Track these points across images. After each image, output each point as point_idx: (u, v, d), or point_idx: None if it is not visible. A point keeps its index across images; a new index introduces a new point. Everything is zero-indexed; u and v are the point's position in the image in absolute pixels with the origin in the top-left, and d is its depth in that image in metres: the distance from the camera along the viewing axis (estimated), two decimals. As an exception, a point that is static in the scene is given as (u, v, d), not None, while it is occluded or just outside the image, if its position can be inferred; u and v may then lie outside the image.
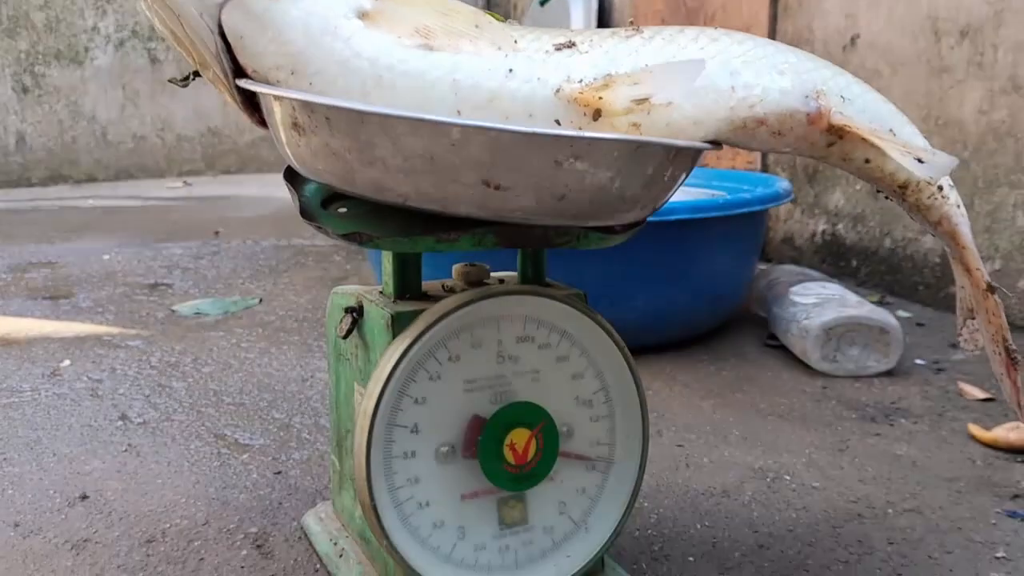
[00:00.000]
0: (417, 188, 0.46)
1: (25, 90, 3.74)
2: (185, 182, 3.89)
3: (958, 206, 0.54)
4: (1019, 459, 0.85)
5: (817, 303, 1.15)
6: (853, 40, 1.56)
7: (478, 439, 0.55)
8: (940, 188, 0.53)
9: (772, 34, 1.76)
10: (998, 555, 0.67)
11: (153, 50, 3.86)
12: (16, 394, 1.05)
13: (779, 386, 1.07)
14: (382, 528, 0.53)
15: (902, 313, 1.40)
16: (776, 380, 1.09)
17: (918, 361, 1.16)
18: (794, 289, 1.23)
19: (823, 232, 1.69)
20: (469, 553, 0.57)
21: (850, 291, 1.23)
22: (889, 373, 1.10)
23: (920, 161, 0.50)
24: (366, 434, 0.52)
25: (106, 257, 1.99)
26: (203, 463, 0.84)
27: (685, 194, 1.36)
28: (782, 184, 1.28)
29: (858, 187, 1.59)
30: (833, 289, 1.21)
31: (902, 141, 0.52)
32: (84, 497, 0.77)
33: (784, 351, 1.19)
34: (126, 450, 0.88)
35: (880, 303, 1.47)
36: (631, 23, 0.59)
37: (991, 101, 1.30)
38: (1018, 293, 1.29)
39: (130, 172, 4.02)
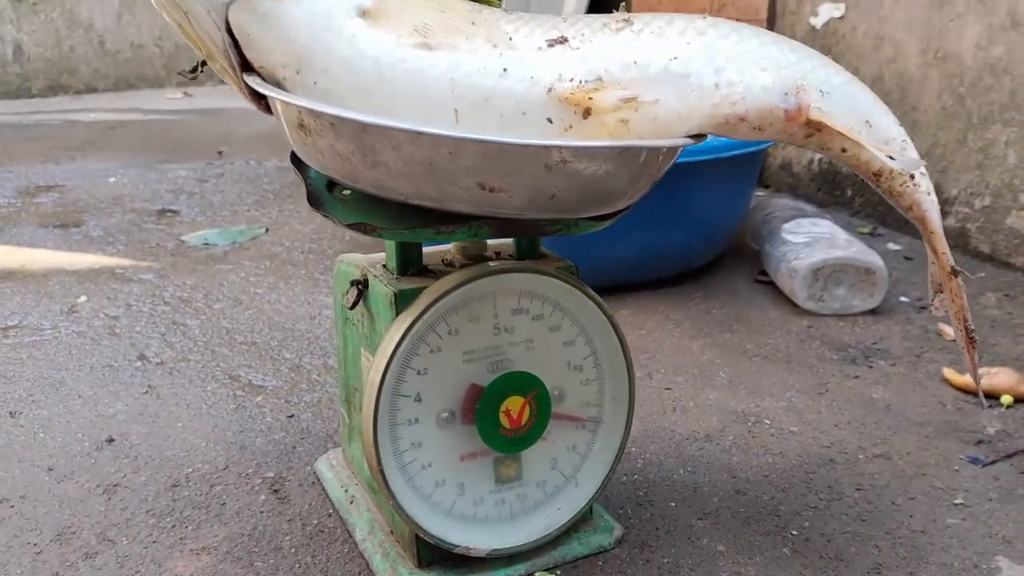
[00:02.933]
0: (417, 189, 0.50)
1: (19, -2, 3.68)
2: (185, 93, 3.86)
3: (928, 193, 0.57)
4: (988, 404, 0.90)
5: (807, 242, 1.19)
6: (857, -33, 1.55)
7: (476, 406, 0.60)
8: (912, 177, 0.56)
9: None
10: (956, 502, 0.73)
11: (147, -44, 3.77)
12: (38, 332, 1.10)
13: (767, 325, 1.12)
14: (389, 489, 0.58)
15: (892, 246, 1.43)
16: (764, 319, 1.14)
17: (902, 299, 1.20)
18: (786, 226, 1.26)
19: (819, 160, 1.71)
20: (468, 507, 0.62)
21: (841, 228, 1.27)
22: (873, 311, 1.14)
23: (891, 158, 0.53)
24: (373, 404, 0.57)
25: (112, 180, 2.02)
26: (220, 405, 0.90)
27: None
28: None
29: (856, 116, 1.59)
30: (824, 227, 1.24)
31: (875, 134, 0.54)
32: (111, 440, 0.83)
33: (774, 287, 1.23)
34: (146, 392, 0.93)
35: (872, 234, 1.51)
36: (622, 5, 0.61)
37: (990, 36, 1.30)
38: (1006, 230, 1.32)
39: (130, 81, 3.98)
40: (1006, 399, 0.89)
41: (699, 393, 0.92)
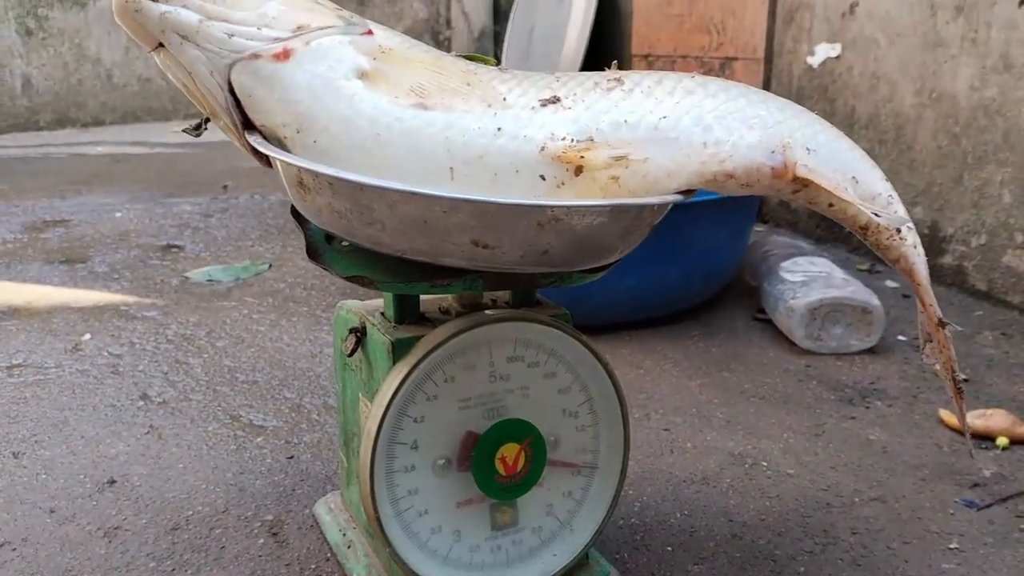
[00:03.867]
0: (412, 245, 0.51)
1: (29, 33, 3.73)
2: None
3: (915, 247, 0.58)
4: (982, 446, 0.90)
5: (804, 281, 1.20)
6: (852, 8, 1.57)
7: (472, 453, 0.61)
8: (899, 231, 0.57)
9: (773, 1, 1.76)
10: (951, 546, 0.73)
11: (156, -9, 3.82)
12: (42, 371, 1.11)
13: (765, 364, 1.12)
14: (385, 536, 0.59)
15: (890, 283, 1.44)
16: (762, 357, 1.15)
17: (900, 337, 1.21)
18: (784, 265, 1.27)
19: (819, 196, 1.72)
20: (464, 554, 0.63)
21: (838, 265, 1.28)
22: (871, 350, 1.15)
23: (877, 216, 0.54)
24: (370, 452, 0.58)
25: (118, 215, 2.04)
26: (220, 446, 0.91)
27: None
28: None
29: (854, 154, 1.61)
30: (821, 265, 1.26)
31: (862, 190, 0.56)
32: (112, 482, 0.84)
33: (772, 326, 1.24)
34: (148, 432, 0.94)
35: (870, 271, 1.52)
36: (613, 64, 0.62)
37: (983, 78, 1.32)
38: (1002, 268, 1.33)
39: (137, 115, 4.03)
40: (1002, 441, 0.90)
41: (697, 434, 0.93)
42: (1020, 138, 1.27)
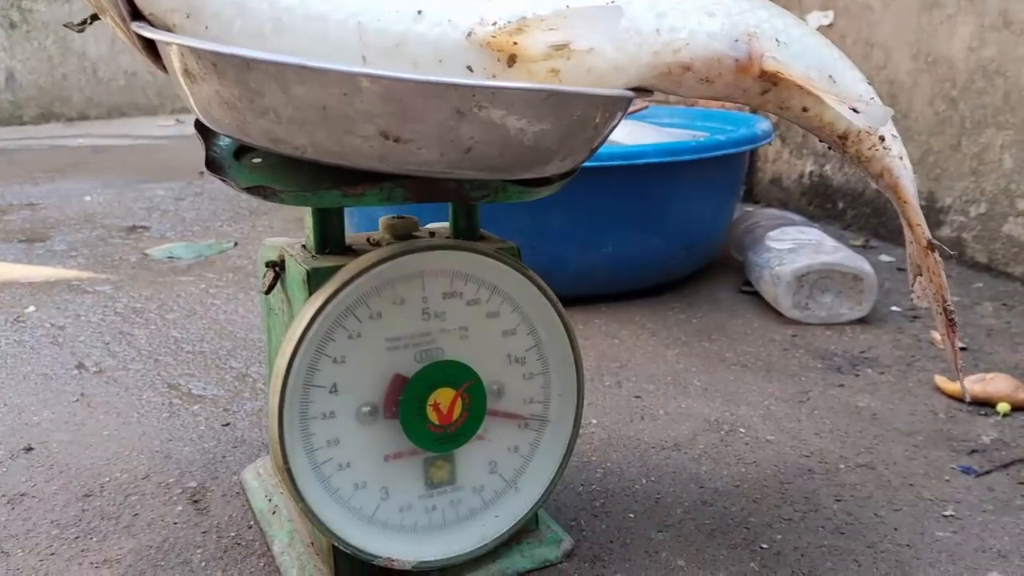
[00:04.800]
0: (312, 140, 0.44)
1: (13, 25, 3.67)
2: (177, 120, 3.84)
3: (901, 158, 0.51)
4: (982, 412, 0.83)
5: (792, 248, 1.12)
6: (845, -27, 1.50)
7: (400, 399, 0.53)
8: (882, 139, 0.50)
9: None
10: (946, 513, 0.66)
11: (142, -16, 3.77)
12: (-24, 341, 1.04)
13: (748, 335, 1.05)
14: (298, 492, 0.51)
15: (885, 257, 1.37)
16: (746, 328, 1.07)
17: (894, 308, 1.13)
18: (771, 234, 1.20)
19: (810, 173, 1.65)
20: (394, 514, 0.55)
21: (829, 236, 1.21)
22: (862, 321, 1.08)
23: (855, 111, 0.47)
24: (279, 395, 0.50)
25: (87, 199, 1.97)
26: (152, 414, 0.83)
27: (663, 135, 1.33)
28: (762, 125, 1.24)
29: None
30: (811, 234, 1.18)
31: (839, 89, 0.49)
32: (29, 449, 0.76)
33: (758, 298, 1.17)
34: (77, 400, 0.87)
35: (864, 246, 1.45)
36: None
37: (981, 37, 1.25)
38: (1002, 238, 1.26)
39: (122, 110, 3.97)
40: (1003, 407, 0.82)
41: (670, 401, 0.86)
42: (1021, 99, 1.20)
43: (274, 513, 0.64)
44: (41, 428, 0.81)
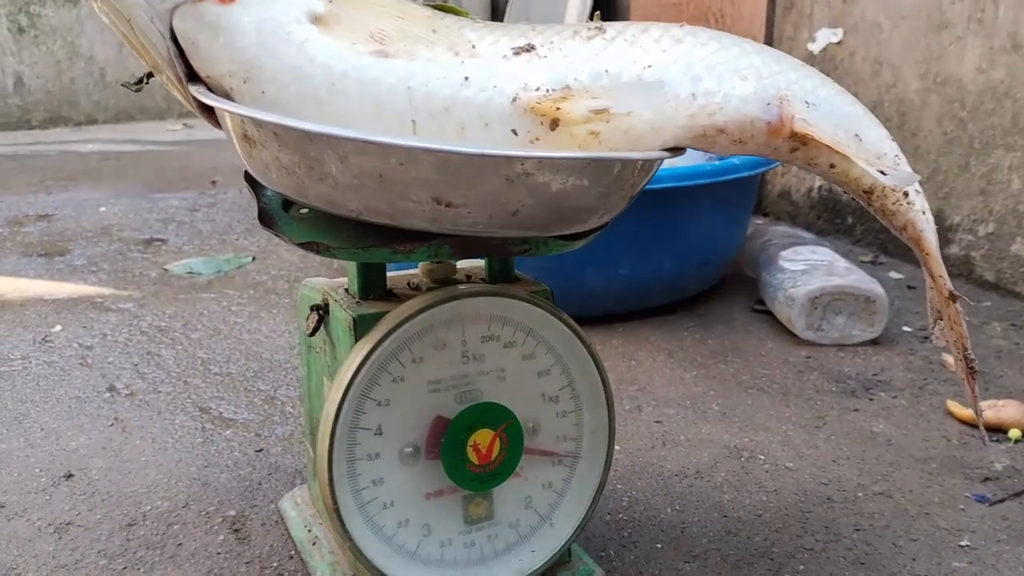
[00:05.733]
0: (368, 204, 0.46)
1: (21, 30, 3.69)
2: (185, 124, 3.86)
3: (923, 212, 0.53)
4: (994, 438, 0.85)
5: (805, 270, 1.15)
6: (854, -9, 1.52)
7: (441, 440, 0.56)
8: (906, 195, 0.52)
9: (772, -16, 1.71)
10: (962, 543, 0.68)
11: (149, -11, 3.78)
12: (7, 362, 1.06)
13: (763, 356, 1.07)
14: (346, 529, 0.54)
15: (894, 275, 1.39)
16: (761, 349, 1.09)
17: (905, 328, 1.16)
18: (784, 254, 1.22)
19: (819, 188, 1.67)
20: (435, 550, 0.58)
21: (840, 256, 1.23)
22: (874, 341, 1.10)
23: (883, 173, 0.49)
24: (328, 439, 0.53)
25: (102, 209, 1.99)
26: (186, 439, 0.86)
27: (678, 158, 1.34)
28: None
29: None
30: (823, 254, 1.21)
31: (867, 151, 0.51)
32: (69, 476, 0.79)
33: (771, 317, 1.19)
34: (112, 424, 0.89)
35: (874, 263, 1.47)
36: (596, 15, 0.58)
37: (990, 59, 1.27)
38: (1011, 257, 1.28)
39: (130, 114, 3.99)
40: (1014, 433, 0.85)
41: (690, 427, 0.88)
42: (1029, 122, 1.22)
43: (314, 544, 0.66)
44: (79, 454, 0.83)
